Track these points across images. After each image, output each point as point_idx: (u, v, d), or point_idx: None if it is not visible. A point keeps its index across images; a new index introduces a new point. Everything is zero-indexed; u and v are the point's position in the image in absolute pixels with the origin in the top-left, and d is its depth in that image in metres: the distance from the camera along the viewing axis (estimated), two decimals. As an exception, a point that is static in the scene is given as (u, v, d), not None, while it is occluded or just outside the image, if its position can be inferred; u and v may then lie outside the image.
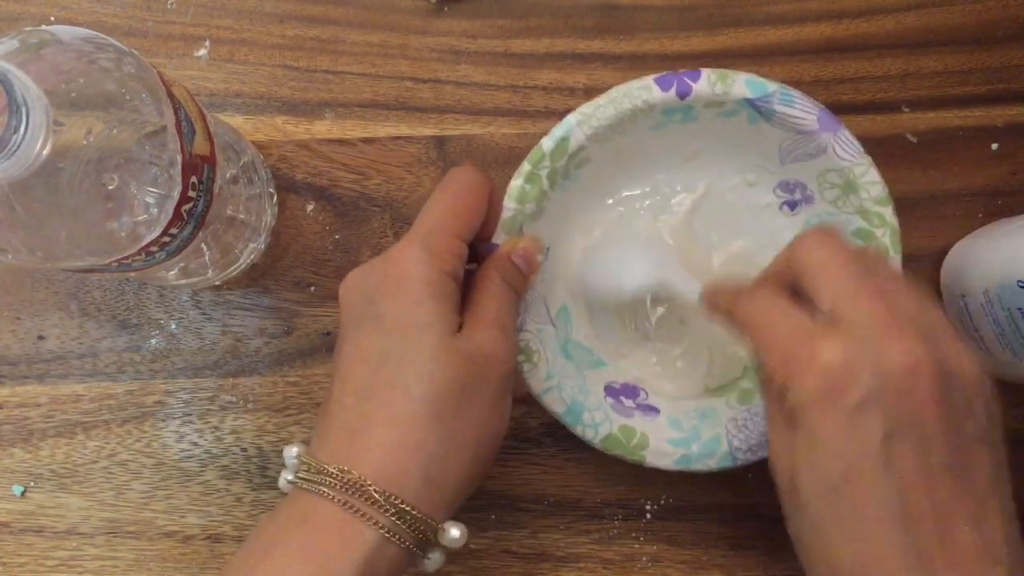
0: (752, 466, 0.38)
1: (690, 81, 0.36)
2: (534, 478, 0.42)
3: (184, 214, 0.33)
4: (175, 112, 0.31)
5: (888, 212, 0.37)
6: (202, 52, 0.44)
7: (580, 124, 0.36)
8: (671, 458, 0.38)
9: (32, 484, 0.42)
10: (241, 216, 0.40)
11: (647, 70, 0.36)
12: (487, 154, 0.44)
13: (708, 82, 0.36)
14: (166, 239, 0.33)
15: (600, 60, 0.44)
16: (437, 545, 0.31)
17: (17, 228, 0.30)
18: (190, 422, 0.42)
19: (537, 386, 0.37)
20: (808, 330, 0.28)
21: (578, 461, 0.42)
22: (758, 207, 0.40)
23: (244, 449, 0.42)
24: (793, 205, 0.40)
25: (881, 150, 0.37)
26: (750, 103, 0.36)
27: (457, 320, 0.32)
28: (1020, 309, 0.37)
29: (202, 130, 0.34)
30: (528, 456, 0.42)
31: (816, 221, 0.39)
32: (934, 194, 0.43)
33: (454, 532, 0.30)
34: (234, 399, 0.43)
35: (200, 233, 0.35)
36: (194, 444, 0.42)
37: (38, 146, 0.27)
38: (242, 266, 0.42)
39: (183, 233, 0.34)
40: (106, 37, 0.31)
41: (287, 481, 0.31)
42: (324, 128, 0.44)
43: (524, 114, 0.44)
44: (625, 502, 0.42)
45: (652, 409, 0.39)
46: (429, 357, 0.30)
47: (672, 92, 0.36)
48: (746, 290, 0.32)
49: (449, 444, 0.30)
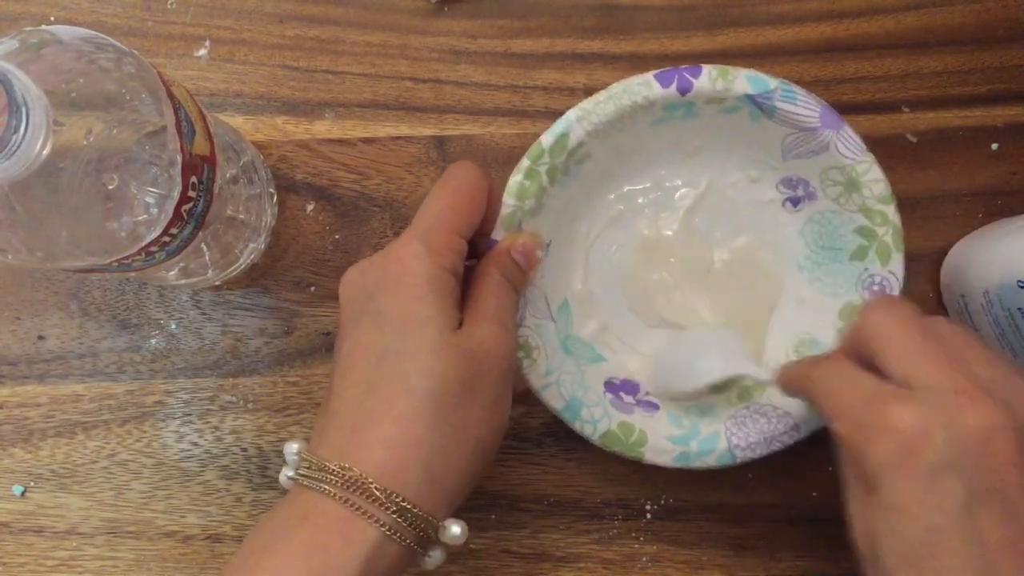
0: (752, 466, 0.38)
1: (691, 77, 0.36)
2: (534, 478, 0.42)
3: (184, 214, 0.33)
4: (175, 112, 0.31)
5: (891, 210, 0.37)
6: (202, 52, 0.44)
7: (580, 120, 0.36)
8: (670, 455, 0.38)
9: (32, 484, 0.42)
10: (241, 216, 0.40)
11: (647, 70, 0.36)
12: (487, 154, 0.43)
13: (709, 78, 0.36)
14: (166, 239, 0.33)
15: (600, 60, 0.44)
16: (438, 543, 0.31)
17: (17, 228, 0.30)
18: (190, 422, 0.42)
19: (536, 382, 0.37)
20: (880, 395, 0.28)
21: (578, 461, 0.42)
22: (760, 203, 0.40)
23: (244, 449, 0.42)
24: (796, 201, 0.40)
25: (881, 150, 0.37)
26: (751, 99, 0.36)
27: (457, 316, 0.32)
28: (1020, 309, 0.37)
29: (202, 130, 0.34)
30: (528, 456, 0.42)
31: (819, 218, 0.39)
32: (934, 194, 0.43)
33: (455, 529, 0.30)
34: (234, 399, 0.43)
35: (200, 233, 0.35)
36: (194, 444, 0.42)
37: (38, 146, 0.27)
38: (242, 266, 0.42)
39: (183, 233, 0.34)
40: (106, 37, 0.31)
41: (287, 478, 0.31)
42: (324, 128, 0.44)
43: (524, 114, 0.44)
44: (625, 502, 0.42)
45: (652, 405, 0.39)
46: (430, 353, 0.30)
47: (673, 88, 0.36)
48: (817, 362, 0.33)
49: (450, 441, 0.30)
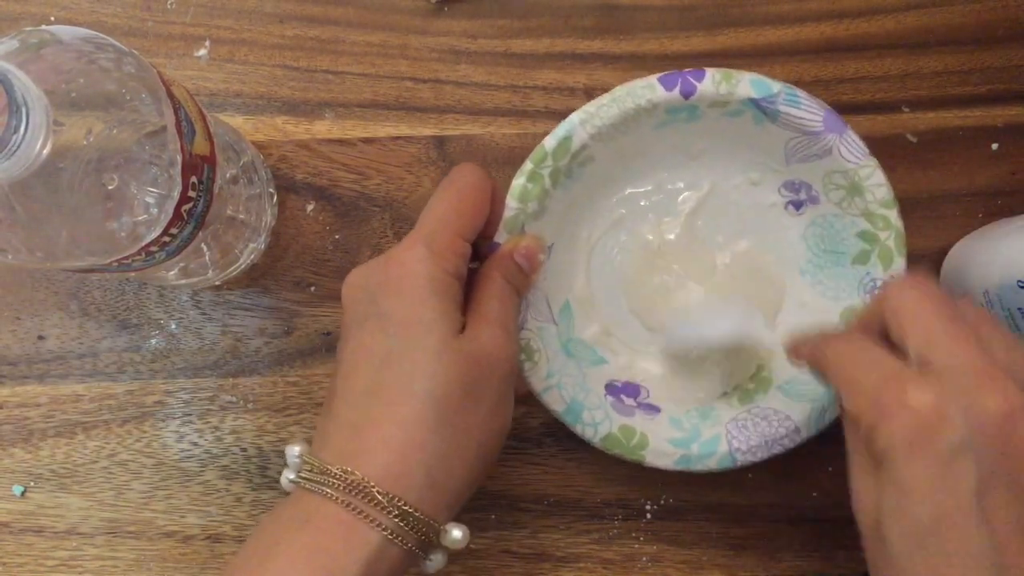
0: (752, 466, 0.38)
1: (694, 81, 0.36)
2: (534, 478, 0.42)
3: (184, 214, 0.33)
4: (175, 112, 0.31)
5: (893, 215, 0.37)
6: (202, 52, 0.44)
7: (583, 123, 0.36)
8: (671, 458, 0.38)
9: (32, 484, 0.42)
10: (241, 216, 0.40)
11: (647, 70, 0.36)
12: (487, 154, 0.43)
13: (712, 82, 0.36)
14: (166, 239, 0.33)
15: (600, 60, 0.44)
16: (439, 546, 0.31)
17: (17, 228, 0.30)
18: (190, 422, 0.42)
19: (537, 384, 0.37)
20: (898, 374, 0.27)
21: (578, 461, 0.42)
22: (763, 206, 0.40)
23: (244, 449, 0.42)
24: (798, 205, 0.40)
25: (881, 150, 0.37)
26: (755, 103, 0.36)
27: (460, 319, 0.32)
28: (1020, 309, 0.37)
29: (202, 130, 0.34)
30: (528, 456, 0.42)
31: (821, 221, 0.39)
32: (934, 194, 0.43)
33: (456, 533, 0.30)
34: (234, 399, 0.43)
35: (200, 233, 0.35)
36: (194, 444, 0.42)
37: (38, 146, 0.27)
38: (242, 266, 0.42)
39: (183, 233, 0.34)
40: (106, 37, 0.31)
41: (289, 480, 0.31)
42: (324, 128, 0.44)
43: (524, 114, 0.44)
44: (625, 502, 0.42)
45: (653, 408, 0.39)
46: (433, 357, 0.30)
47: (676, 91, 0.36)
48: (832, 335, 0.32)
49: (452, 444, 0.30)
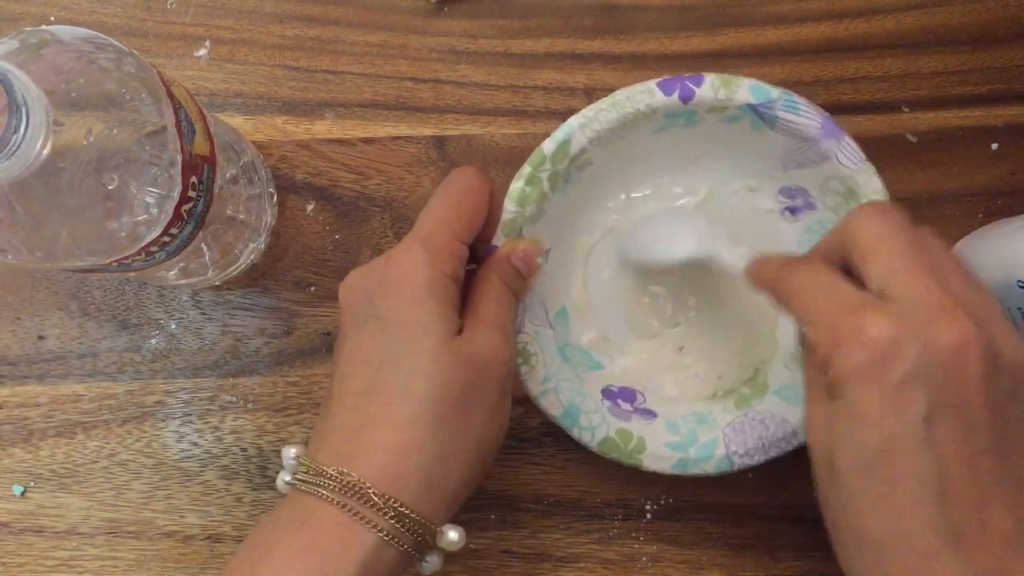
0: (752, 467, 0.38)
1: (693, 86, 0.36)
2: (534, 478, 0.42)
3: (184, 214, 0.33)
4: (175, 112, 0.31)
5: None
6: (202, 52, 0.44)
7: (582, 127, 0.36)
8: (668, 462, 0.38)
9: (32, 484, 0.42)
10: (241, 216, 0.40)
11: (647, 70, 0.36)
12: (487, 154, 0.43)
13: (711, 87, 0.36)
14: (166, 239, 0.33)
15: (600, 60, 0.44)
16: (435, 548, 0.31)
17: (17, 228, 0.30)
18: (190, 422, 0.42)
19: (534, 388, 0.37)
20: (856, 303, 0.28)
21: (578, 461, 0.42)
22: (760, 212, 0.40)
23: (244, 449, 0.42)
24: (795, 211, 0.40)
25: (881, 150, 0.37)
26: (753, 109, 0.36)
27: (457, 321, 0.32)
28: (1020, 309, 0.37)
29: (202, 130, 0.34)
30: (528, 456, 0.42)
31: (818, 228, 0.39)
32: (934, 194, 0.43)
33: (452, 535, 0.30)
34: (234, 399, 0.43)
35: (200, 233, 0.35)
36: (194, 444, 0.42)
37: (38, 146, 0.27)
38: (242, 266, 0.42)
39: (183, 233, 0.34)
40: (106, 37, 0.31)
41: (285, 482, 0.31)
42: (324, 128, 0.44)
43: (524, 114, 0.44)
44: (625, 502, 0.42)
45: (650, 413, 0.39)
46: (430, 359, 0.30)
47: (675, 96, 0.36)
48: (793, 262, 0.32)
49: (449, 447, 0.30)
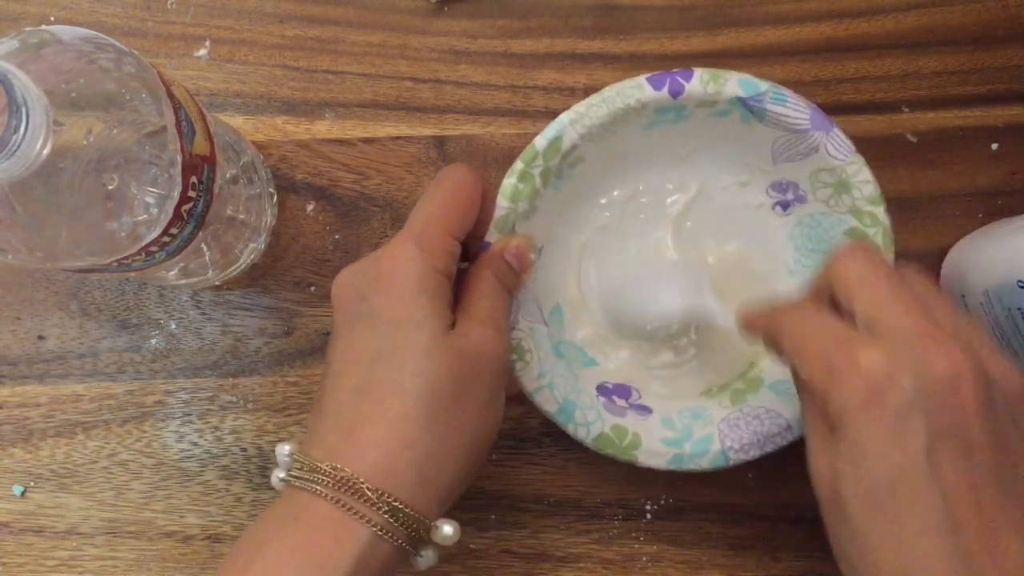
0: (752, 466, 0.38)
1: (682, 80, 0.36)
2: (534, 478, 0.42)
3: (184, 214, 0.33)
4: (175, 112, 0.31)
5: (880, 211, 0.37)
6: (202, 52, 0.44)
7: (573, 123, 0.36)
8: (664, 458, 0.38)
9: (32, 484, 0.42)
10: (241, 216, 0.40)
11: (647, 70, 0.36)
12: (487, 154, 0.44)
13: (700, 81, 0.36)
14: (166, 239, 0.33)
15: (600, 60, 0.44)
16: (430, 543, 0.31)
17: (17, 228, 0.30)
18: (190, 422, 0.42)
19: (529, 385, 0.37)
20: (847, 337, 0.28)
21: (578, 461, 0.42)
22: (751, 207, 0.40)
23: (244, 449, 0.42)
24: (786, 205, 0.40)
25: (881, 150, 0.37)
26: (742, 102, 0.36)
27: (450, 317, 0.32)
28: (1020, 309, 0.37)
29: (202, 130, 0.34)
30: (528, 456, 0.42)
31: (808, 221, 0.39)
32: (934, 194, 0.43)
33: (447, 529, 0.30)
34: (234, 399, 0.43)
35: (200, 233, 0.35)
36: (194, 444, 0.42)
37: (38, 146, 0.27)
38: (242, 266, 0.42)
39: (183, 233, 0.34)
40: (106, 37, 0.31)
41: (279, 479, 0.31)
42: (324, 128, 0.44)
43: (524, 114, 0.44)
44: (625, 502, 0.42)
45: (645, 409, 0.39)
46: (423, 355, 0.30)
47: (664, 91, 0.36)
48: (783, 305, 0.32)
49: (443, 442, 0.30)
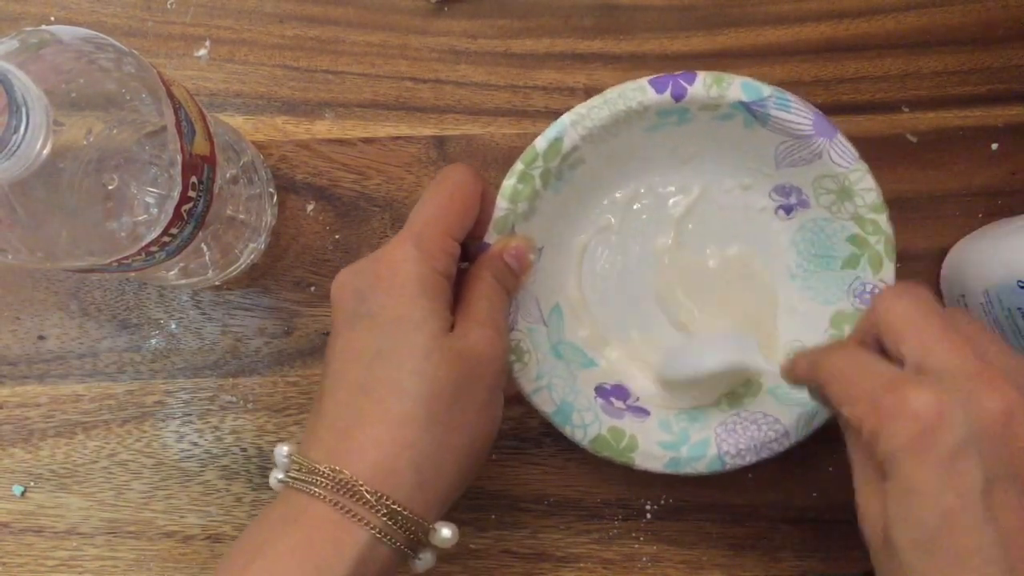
0: (752, 466, 0.38)
1: (685, 83, 0.36)
2: (534, 478, 0.42)
3: (184, 214, 0.33)
4: (175, 112, 0.31)
5: (883, 219, 0.37)
6: (202, 52, 0.44)
7: (574, 124, 0.36)
8: (660, 461, 0.38)
9: (32, 484, 0.42)
10: (241, 216, 0.40)
11: (647, 70, 0.36)
12: (487, 154, 0.44)
13: (703, 85, 0.36)
14: (166, 239, 0.33)
15: (600, 60, 0.44)
16: (428, 545, 0.30)
17: (17, 228, 0.30)
18: (190, 422, 0.42)
19: (527, 386, 0.37)
20: (896, 378, 0.27)
21: (578, 461, 0.42)
22: (753, 211, 0.40)
23: (244, 449, 0.42)
24: (788, 209, 0.40)
25: (881, 150, 0.37)
26: (745, 106, 0.36)
27: (450, 318, 0.32)
28: (1020, 309, 0.37)
29: (202, 130, 0.34)
30: (528, 456, 0.42)
31: (811, 226, 0.39)
32: (934, 194, 0.43)
33: (445, 532, 0.30)
34: (234, 399, 0.43)
35: (200, 233, 0.35)
36: (194, 444, 0.42)
37: (38, 146, 0.27)
38: (242, 266, 0.42)
39: (183, 233, 0.34)
40: (106, 37, 0.31)
41: (278, 480, 0.31)
42: (324, 128, 0.44)
43: (524, 114, 0.44)
44: (625, 502, 0.42)
45: (642, 411, 0.39)
46: (423, 356, 0.30)
47: (667, 94, 0.36)
48: (828, 348, 0.32)
49: (442, 443, 0.30)
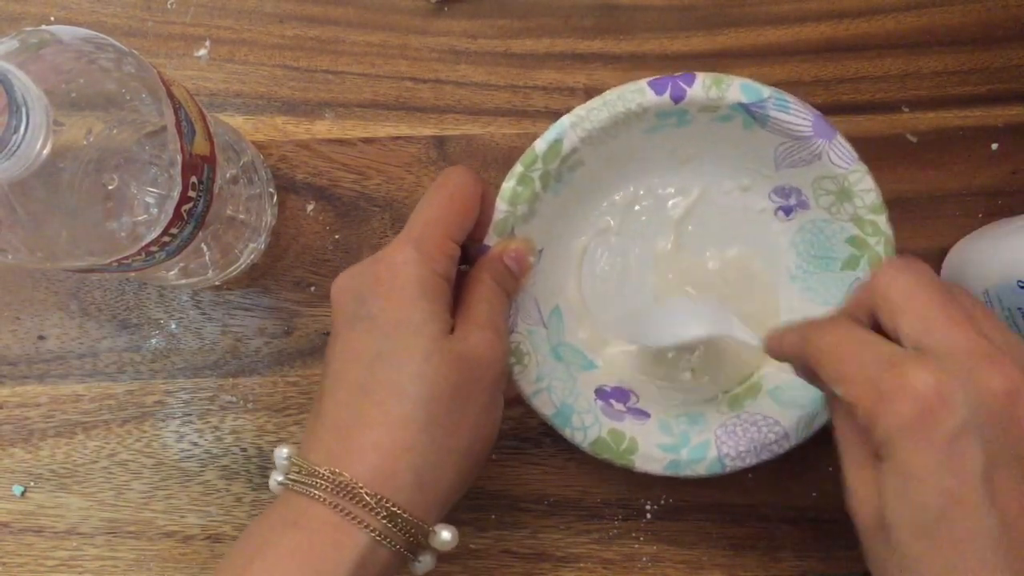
0: (752, 467, 0.38)
1: (684, 85, 0.35)
2: (534, 478, 0.42)
3: (184, 214, 0.33)
4: (175, 112, 0.31)
5: (882, 220, 0.37)
6: (202, 52, 0.44)
7: (573, 126, 0.36)
8: (660, 463, 0.38)
9: (32, 484, 0.42)
10: (241, 216, 0.40)
11: (647, 70, 0.36)
12: (487, 154, 0.43)
13: (703, 86, 0.35)
14: (166, 239, 0.33)
15: (600, 60, 0.44)
16: (428, 548, 0.30)
17: (17, 228, 0.30)
18: (190, 422, 0.42)
19: (527, 388, 0.37)
20: (895, 356, 0.26)
21: (578, 461, 0.42)
22: (753, 212, 0.40)
23: (244, 449, 0.42)
24: (788, 211, 0.40)
25: (881, 150, 0.37)
26: (745, 108, 0.36)
27: (449, 320, 0.32)
28: (1020, 309, 0.37)
29: (202, 130, 0.34)
30: (528, 456, 0.42)
31: (811, 227, 0.39)
32: (934, 194, 0.43)
33: (445, 535, 0.30)
34: (234, 399, 0.43)
35: (200, 233, 0.35)
36: (194, 444, 0.42)
37: (38, 146, 0.27)
38: (242, 266, 0.42)
39: (183, 233, 0.34)
40: (106, 37, 0.31)
41: (277, 483, 0.31)
42: (324, 128, 0.44)
43: (524, 114, 0.44)
44: (625, 502, 0.42)
45: (642, 413, 0.39)
46: (422, 358, 0.30)
47: (666, 96, 0.36)
48: (819, 323, 0.30)
49: (442, 446, 0.30)
